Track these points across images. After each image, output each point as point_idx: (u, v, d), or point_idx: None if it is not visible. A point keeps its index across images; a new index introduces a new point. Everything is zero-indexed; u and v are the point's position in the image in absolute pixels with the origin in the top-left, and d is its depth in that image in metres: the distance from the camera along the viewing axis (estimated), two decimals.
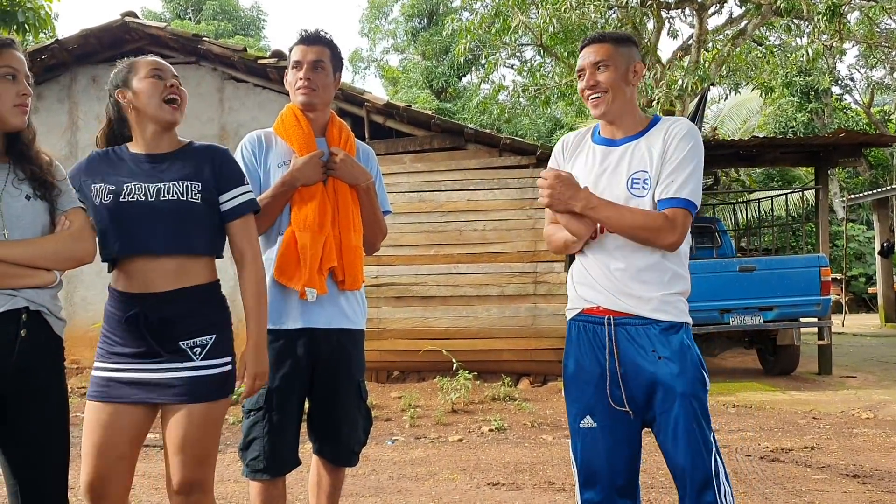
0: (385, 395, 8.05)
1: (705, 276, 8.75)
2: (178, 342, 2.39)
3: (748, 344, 9.70)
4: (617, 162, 2.44)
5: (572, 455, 2.53)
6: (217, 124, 9.26)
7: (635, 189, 2.38)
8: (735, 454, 5.41)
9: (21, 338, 2.14)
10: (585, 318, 2.47)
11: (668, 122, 2.46)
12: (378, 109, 8.88)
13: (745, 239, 14.33)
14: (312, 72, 2.79)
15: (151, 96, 2.45)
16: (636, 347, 2.37)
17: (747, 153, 10.58)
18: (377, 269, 8.56)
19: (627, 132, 2.47)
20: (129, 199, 2.39)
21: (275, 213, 2.76)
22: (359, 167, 2.84)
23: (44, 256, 2.20)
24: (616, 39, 2.46)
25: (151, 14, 31.41)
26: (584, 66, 2.46)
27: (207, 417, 2.44)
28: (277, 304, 2.73)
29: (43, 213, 2.24)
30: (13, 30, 10.53)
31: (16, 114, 2.19)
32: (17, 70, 2.19)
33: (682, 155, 2.36)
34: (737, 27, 14.11)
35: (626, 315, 2.39)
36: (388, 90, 29.08)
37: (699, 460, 2.34)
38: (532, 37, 14.10)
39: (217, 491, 4.63)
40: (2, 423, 2.17)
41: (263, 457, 2.69)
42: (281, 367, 2.71)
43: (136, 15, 9.18)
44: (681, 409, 2.34)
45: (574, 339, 2.51)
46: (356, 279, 2.80)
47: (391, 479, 4.93)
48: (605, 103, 2.43)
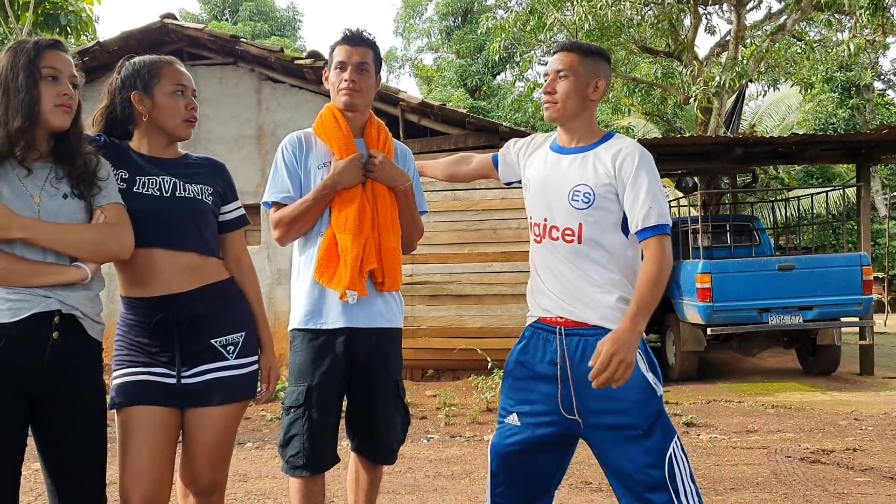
0: (420, 393, 8.08)
1: (743, 275, 8.66)
2: (209, 340, 2.39)
3: (787, 343, 9.56)
4: (563, 170, 2.53)
5: (491, 441, 2.60)
6: (254, 124, 9.35)
7: (575, 202, 2.46)
8: (775, 455, 5.34)
9: (53, 341, 2.11)
10: (541, 326, 2.54)
11: (619, 143, 2.51)
12: (413, 108, 8.91)
13: (783, 237, 14.11)
14: (357, 73, 2.78)
15: (174, 116, 2.44)
16: (586, 357, 2.38)
17: (786, 150, 10.43)
18: (412, 267, 8.58)
19: (579, 143, 2.55)
20: (142, 192, 2.37)
21: (315, 216, 2.78)
22: (397, 169, 2.84)
23: (79, 245, 2.15)
24: (585, 52, 2.52)
25: (189, 15, 31.78)
26: (549, 71, 2.55)
27: (237, 417, 2.48)
28: (317, 304, 2.76)
29: (80, 211, 2.20)
30: (56, 32, 10.75)
31: (57, 114, 2.16)
32: (60, 71, 2.17)
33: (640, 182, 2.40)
34: (776, 22, 13.92)
35: (578, 325, 2.45)
36: (422, 89, 29.12)
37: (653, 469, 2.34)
38: (567, 34, 14.02)
39: (256, 486, 4.70)
40: (36, 425, 2.17)
41: (303, 454, 2.72)
42: (320, 365, 2.73)
43: (175, 17, 9.30)
44: (627, 419, 2.37)
45: (527, 339, 2.57)
46: (395, 280, 2.81)
47: (427, 477, 4.94)
48: (556, 110, 2.52)
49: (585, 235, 2.45)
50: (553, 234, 2.51)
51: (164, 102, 2.44)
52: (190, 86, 2.50)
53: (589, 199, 2.44)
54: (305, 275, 2.81)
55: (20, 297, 2.08)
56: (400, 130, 8.88)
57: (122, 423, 2.34)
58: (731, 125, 14.58)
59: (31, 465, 2.19)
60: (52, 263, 2.13)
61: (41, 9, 10.49)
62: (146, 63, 2.50)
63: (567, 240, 2.48)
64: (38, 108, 2.14)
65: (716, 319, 8.54)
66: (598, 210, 2.45)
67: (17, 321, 2.06)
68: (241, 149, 9.25)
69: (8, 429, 2.08)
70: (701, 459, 5.29)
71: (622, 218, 2.46)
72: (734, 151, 10.08)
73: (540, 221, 2.56)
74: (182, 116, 2.45)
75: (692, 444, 5.84)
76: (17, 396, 2.09)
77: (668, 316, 9.49)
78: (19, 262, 2.08)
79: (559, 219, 2.49)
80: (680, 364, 9.10)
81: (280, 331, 9.64)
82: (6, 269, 2.06)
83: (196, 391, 2.38)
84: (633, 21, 13.75)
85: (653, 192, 2.40)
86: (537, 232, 2.57)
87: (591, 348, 2.38)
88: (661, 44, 15.64)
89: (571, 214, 2.46)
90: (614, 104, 17.53)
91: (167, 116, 2.44)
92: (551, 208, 2.52)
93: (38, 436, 2.19)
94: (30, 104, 2.13)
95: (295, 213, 2.76)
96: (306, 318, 2.77)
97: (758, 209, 16.13)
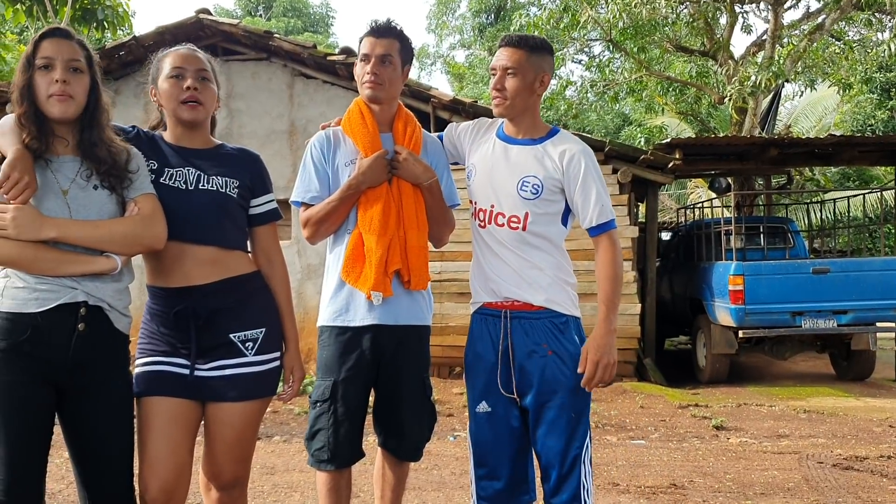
0: (447, 390, 8.07)
1: (777, 278, 8.55)
2: (228, 335, 2.39)
3: (820, 348, 9.42)
4: (512, 160, 2.66)
5: (468, 436, 2.76)
6: (287, 120, 9.41)
7: (524, 191, 2.61)
8: (806, 461, 5.26)
9: (78, 332, 2.13)
10: (485, 312, 2.71)
11: (565, 141, 2.66)
12: (444, 105, 8.90)
13: (818, 240, 13.90)
14: (380, 66, 2.74)
15: (170, 98, 2.41)
16: (528, 340, 2.59)
17: (823, 152, 10.27)
18: (440, 265, 8.58)
19: (526, 135, 2.69)
20: (169, 184, 2.37)
21: (342, 216, 2.77)
22: (421, 165, 2.78)
23: (111, 239, 2.17)
24: (532, 47, 2.63)
25: (223, 11, 32.04)
26: (496, 66, 2.63)
27: (257, 414, 2.48)
28: (344, 301, 2.76)
29: (110, 202, 2.21)
30: (93, 27, 10.90)
31: (52, 104, 2.14)
32: (52, 58, 2.13)
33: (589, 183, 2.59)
34: (814, 22, 13.69)
35: (521, 308, 2.60)
36: (453, 86, 29.08)
37: (570, 449, 2.56)
38: (601, 32, 13.93)
39: (283, 479, 4.72)
40: (63, 415, 2.20)
41: (328, 448, 2.72)
42: (346, 360, 2.73)
43: (210, 12, 9.38)
44: (562, 400, 2.56)
45: (475, 330, 2.75)
46: (422, 279, 2.78)
47: (453, 474, 4.94)
48: (505, 107, 2.64)
49: (531, 223, 2.61)
50: (499, 220, 2.65)
51: (164, 87, 2.43)
52: (191, 67, 2.42)
53: (537, 191, 2.60)
54: (334, 272, 2.80)
55: (48, 288, 2.10)
56: (431, 127, 8.87)
57: (141, 412, 2.36)
58: (766, 126, 14.39)
59: (62, 454, 2.21)
60: (81, 253, 2.14)
61: (79, 4, 10.64)
62: (158, 56, 2.51)
63: (512, 227, 2.62)
64: (36, 100, 2.14)
65: (748, 322, 8.44)
66: (544, 201, 2.60)
67: (43, 311, 2.09)
68: (272, 144, 9.31)
69: (34, 416, 2.11)
70: (731, 463, 5.23)
71: (563, 210, 2.65)
72: (769, 152, 9.93)
73: (486, 207, 2.69)
74: (178, 98, 2.40)
75: (721, 447, 5.78)
76: (43, 385, 2.12)
77: (698, 318, 9.40)
78: (50, 250, 2.11)
79: (506, 206, 2.63)
80: (710, 367, 9.01)
81: (309, 326, 9.67)
82: (36, 257, 2.09)
83: (212, 385, 2.38)
84: (667, 19, 13.60)
85: (600, 192, 2.59)
86: (482, 217, 2.70)
87: (533, 331, 2.59)
88: (696, 42, 15.47)
89: (519, 203, 2.61)
90: (648, 103, 17.34)
91: (166, 100, 2.43)
92: (498, 196, 2.65)
93: (64, 425, 2.22)
94: (28, 98, 2.14)
95: (322, 214, 2.75)
96: (334, 314, 2.78)
97: (792, 211, 15.90)
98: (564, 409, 2.57)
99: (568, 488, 2.57)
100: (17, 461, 2.08)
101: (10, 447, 2.07)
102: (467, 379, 2.79)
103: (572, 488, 2.57)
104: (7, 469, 2.07)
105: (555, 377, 2.57)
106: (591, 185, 2.59)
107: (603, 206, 2.59)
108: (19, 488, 2.09)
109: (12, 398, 2.08)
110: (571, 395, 2.57)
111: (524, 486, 2.70)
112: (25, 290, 2.10)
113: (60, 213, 2.13)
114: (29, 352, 2.09)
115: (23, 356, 2.09)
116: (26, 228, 2.06)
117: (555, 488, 2.60)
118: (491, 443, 2.67)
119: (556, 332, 2.60)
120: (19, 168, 2.07)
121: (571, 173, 2.59)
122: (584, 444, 2.59)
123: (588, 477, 2.59)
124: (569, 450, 2.57)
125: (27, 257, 2.08)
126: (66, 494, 4.28)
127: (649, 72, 15.08)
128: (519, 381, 2.61)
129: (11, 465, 2.07)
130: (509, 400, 2.64)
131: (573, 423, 2.58)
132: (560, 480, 2.58)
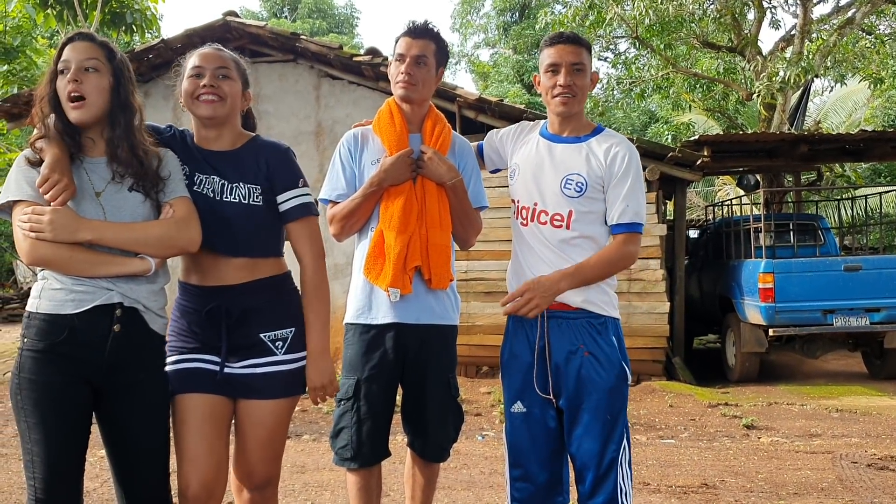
0: (474, 390, 8.06)
1: (807, 275, 8.44)
2: (258, 334, 2.39)
3: (852, 346, 9.29)
4: (556, 158, 2.64)
5: (504, 436, 2.74)
6: (313, 120, 9.46)
7: (567, 189, 2.58)
8: (840, 460, 5.19)
9: (114, 333, 2.16)
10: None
11: (611, 138, 2.65)
12: (470, 104, 8.89)
13: (849, 237, 13.73)
14: (414, 66, 2.76)
15: (187, 96, 2.40)
16: (565, 340, 2.57)
17: (854, 147, 10.14)
18: (467, 264, 8.57)
19: (571, 133, 2.67)
20: (199, 191, 2.36)
21: (366, 213, 2.78)
22: (445, 165, 2.78)
23: (146, 242, 2.19)
24: (588, 46, 2.65)
25: (249, 13, 32.28)
26: (561, 63, 2.58)
27: (287, 412, 2.47)
28: (368, 299, 2.78)
29: (144, 204, 2.23)
30: (122, 31, 11.04)
31: (69, 109, 2.16)
32: (69, 61, 2.16)
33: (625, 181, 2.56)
34: (844, 16, 13.50)
35: (558, 307, 2.56)
36: (478, 85, 29.07)
37: (607, 451, 2.54)
38: (627, 29, 13.85)
39: (313, 478, 4.74)
40: (100, 414, 2.22)
41: (351, 446, 2.74)
42: (370, 359, 2.75)
43: (237, 14, 9.46)
44: (598, 402, 2.53)
45: (511, 330, 2.72)
46: (443, 278, 2.77)
47: (482, 473, 4.93)
48: (577, 105, 2.63)
49: (574, 222, 2.58)
50: (541, 218, 2.62)
51: (184, 87, 2.42)
52: (210, 65, 2.39)
53: (581, 188, 2.57)
54: (358, 270, 2.82)
55: (84, 289, 2.13)
56: (457, 127, 8.87)
57: (175, 410, 2.37)
58: (795, 122, 14.20)
59: (96, 452, 2.23)
60: (116, 255, 2.16)
61: (108, 7, 10.78)
62: (183, 60, 2.50)
63: (556, 225, 2.60)
64: (58, 105, 2.18)
65: (778, 320, 8.34)
66: (588, 199, 2.58)
67: (79, 312, 2.12)
68: (299, 145, 9.35)
69: (72, 416, 2.14)
70: (762, 463, 5.18)
71: (606, 209, 2.61)
72: (799, 148, 9.81)
73: (529, 205, 2.66)
74: (193, 96, 2.38)
75: (752, 447, 5.72)
76: (80, 385, 2.15)
77: (728, 316, 9.32)
78: (84, 252, 2.14)
79: (549, 204, 2.61)
80: (740, 365, 8.92)
81: (335, 325, 9.73)
82: (72, 258, 2.12)
83: (243, 383, 2.39)
84: (694, 15, 13.49)
85: (634, 192, 2.57)
86: (524, 216, 2.68)
87: (570, 331, 2.57)
88: (724, 38, 15.31)
89: (562, 201, 2.58)
90: (674, 100, 17.22)
91: (185, 99, 2.42)
92: (542, 194, 2.63)
93: (101, 424, 2.25)
94: (53, 103, 2.18)
95: (346, 210, 2.77)
96: (358, 312, 2.79)
97: (822, 208, 15.71)
98: (600, 410, 2.54)
99: (604, 491, 2.54)
100: (56, 461, 2.11)
101: (48, 447, 2.10)
102: (503, 379, 2.76)
103: (608, 491, 2.53)
104: (45, 468, 2.10)
105: (590, 378, 2.54)
106: (626, 184, 2.56)
107: (629, 206, 2.56)
108: (58, 488, 2.12)
109: (50, 398, 2.11)
110: (608, 397, 2.54)
111: (559, 488, 2.68)
112: (62, 291, 2.13)
113: (94, 215, 2.16)
114: (66, 352, 2.12)
115: (60, 357, 2.12)
116: (63, 230, 2.09)
117: (590, 491, 2.56)
118: (527, 443, 2.65)
119: (593, 332, 2.58)
120: (59, 170, 2.11)
121: (613, 169, 2.57)
122: (620, 446, 2.56)
123: (627, 480, 2.56)
124: (605, 452, 2.54)
125: (62, 258, 2.11)
126: (100, 493, 4.33)
127: (676, 68, 14.96)
128: (555, 381, 2.59)
129: (49, 464, 2.10)
130: (545, 400, 2.62)
131: (609, 425, 2.55)
132: (596, 483, 2.55)
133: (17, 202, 2.15)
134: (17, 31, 12.01)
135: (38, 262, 2.13)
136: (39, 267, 2.17)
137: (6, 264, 21.88)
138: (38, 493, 2.11)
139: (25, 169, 2.17)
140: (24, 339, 2.15)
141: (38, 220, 2.09)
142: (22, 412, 2.13)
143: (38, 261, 2.13)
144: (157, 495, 2.29)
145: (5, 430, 6.49)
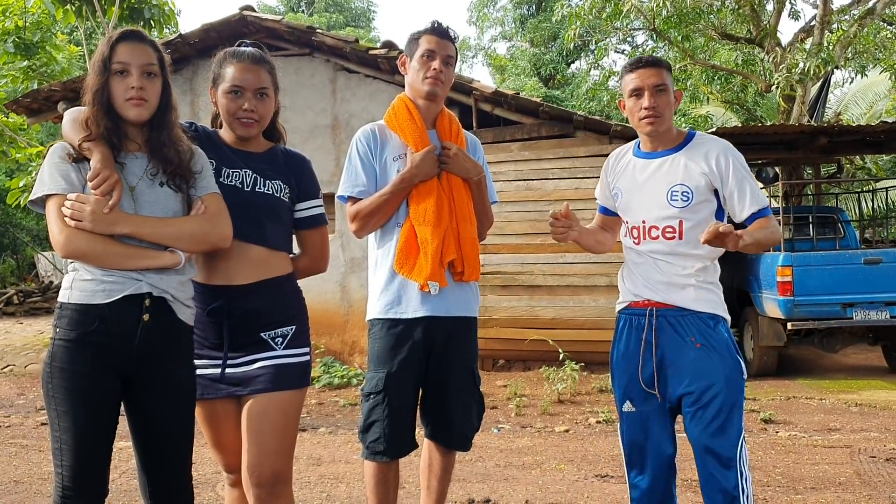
0: (490, 383, 8.07)
1: (827, 269, 8.36)
2: (259, 334, 2.44)
3: (872, 340, 9.20)
4: (655, 173, 2.70)
5: (619, 436, 2.79)
6: (330, 114, 9.48)
7: (674, 201, 2.64)
8: (858, 455, 5.15)
9: (143, 322, 2.20)
10: (632, 311, 2.73)
11: (706, 142, 2.69)
12: (486, 98, 8.88)
13: (870, 230, 13.58)
14: (444, 65, 2.85)
15: (227, 113, 2.50)
16: (675, 334, 2.62)
17: (874, 139, 10.03)
18: (484, 257, 8.54)
19: (666, 146, 2.72)
20: (227, 183, 2.44)
21: (392, 209, 2.82)
22: (471, 160, 2.88)
23: (180, 237, 2.24)
24: (668, 67, 2.73)
25: (266, 8, 32.33)
26: (644, 87, 2.66)
27: (291, 407, 2.47)
28: (397, 294, 2.80)
29: (175, 199, 2.29)
30: (139, 26, 11.09)
31: (128, 108, 2.23)
32: (128, 63, 2.21)
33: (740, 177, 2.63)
34: (864, 6, 13.33)
35: (667, 306, 2.64)
36: (494, 78, 29.00)
37: (729, 444, 2.55)
38: (644, 21, 13.76)
39: (329, 470, 4.77)
40: (128, 403, 2.26)
41: (383, 439, 2.76)
42: (399, 352, 2.78)
43: (254, 9, 9.48)
44: (714, 392, 2.55)
45: (621, 329, 2.77)
46: (474, 269, 2.85)
47: (498, 466, 4.94)
48: (662, 125, 2.67)
49: (687, 230, 2.63)
50: (653, 233, 2.68)
51: (221, 102, 2.51)
52: (249, 86, 2.48)
53: (688, 197, 2.63)
54: (384, 266, 2.84)
55: (114, 280, 2.17)
56: (473, 120, 8.87)
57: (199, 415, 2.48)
58: (815, 114, 14.07)
59: (117, 444, 2.26)
60: (147, 248, 2.21)
61: (126, 3, 10.84)
62: (219, 59, 2.56)
63: (668, 237, 2.66)
64: (111, 103, 2.22)
65: (797, 314, 8.28)
66: (697, 205, 2.63)
67: (109, 302, 2.16)
68: (316, 138, 9.39)
69: (100, 406, 2.18)
70: (780, 457, 5.15)
71: (716, 210, 2.67)
72: (819, 140, 9.72)
73: (638, 224, 2.72)
74: (233, 116, 2.49)
75: (770, 441, 5.69)
76: (110, 375, 2.19)
77: (746, 310, 9.26)
78: (118, 245, 2.18)
79: (659, 219, 2.66)
80: (758, 359, 8.87)
81: (353, 319, 9.77)
82: (105, 251, 2.16)
83: (244, 380, 2.44)
84: (712, 7, 13.39)
85: (748, 182, 2.62)
86: (636, 235, 2.73)
87: (680, 326, 2.62)
88: (742, 30, 15.20)
89: (672, 213, 2.64)
90: (692, 92, 17.10)
91: (224, 114, 2.52)
92: (649, 210, 2.68)
93: (129, 413, 2.29)
94: (104, 100, 2.22)
95: (372, 207, 2.80)
96: (386, 307, 2.82)
97: (842, 200, 15.57)
98: (716, 400, 2.56)
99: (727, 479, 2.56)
100: (83, 450, 2.15)
101: (76, 436, 2.14)
102: (613, 378, 2.81)
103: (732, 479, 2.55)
104: (73, 457, 2.14)
105: (704, 369, 2.58)
106: (743, 179, 2.62)
107: (751, 196, 2.61)
108: (85, 476, 2.16)
109: (81, 388, 2.15)
110: (724, 387, 2.56)
111: (668, 487, 2.74)
112: (93, 282, 2.17)
113: (127, 209, 2.21)
114: (97, 342, 2.16)
115: (91, 346, 2.16)
116: (102, 222, 2.14)
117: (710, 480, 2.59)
118: (639, 441, 2.71)
119: (704, 327, 2.62)
120: (110, 166, 2.18)
121: (721, 171, 2.63)
122: (739, 440, 2.57)
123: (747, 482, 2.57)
124: (724, 442, 2.55)
125: (96, 251, 2.15)
126: (119, 483, 4.38)
127: (694, 60, 14.86)
128: (664, 376, 2.63)
129: (77, 454, 2.14)
130: (654, 397, 2.66)
131: (725, 414, 2.56)
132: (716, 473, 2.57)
133: (51, 196, 2.19)
134: (36, 26, 12.10)
135: (73, 254, 2.17)
136: (73, 259, 2.20)
137: (27, 258, 22.11)
138: (66, 481, 2.15)
139: (59, 163, 2.21)
140: (56, 329, 2.19)
141: (80, 208, 2.13)
142: (53, 400, 2.17)
143: (73, 253, 2.17)
144: (180, 483, 2.33)
145: (26, 422, 6.58)
